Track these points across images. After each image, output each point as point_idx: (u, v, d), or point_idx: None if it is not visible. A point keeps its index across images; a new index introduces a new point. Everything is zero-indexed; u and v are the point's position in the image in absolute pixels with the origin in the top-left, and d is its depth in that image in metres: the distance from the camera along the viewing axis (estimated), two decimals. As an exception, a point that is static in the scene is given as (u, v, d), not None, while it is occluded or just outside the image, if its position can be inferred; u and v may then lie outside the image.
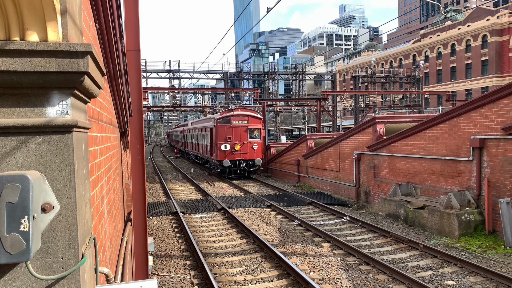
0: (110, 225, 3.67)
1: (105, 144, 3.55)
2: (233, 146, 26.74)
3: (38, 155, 1.80)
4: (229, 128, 26.83)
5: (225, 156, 26.74)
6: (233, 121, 27.00)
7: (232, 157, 26.79)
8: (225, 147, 26.62)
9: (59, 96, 1.81)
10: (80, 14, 2.14)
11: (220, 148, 26.64)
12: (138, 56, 7.05)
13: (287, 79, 58.70)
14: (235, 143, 26.84)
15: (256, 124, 27.59)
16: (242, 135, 27.05)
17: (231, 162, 26.67)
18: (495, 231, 11.91)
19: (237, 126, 26.96)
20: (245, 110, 28.55)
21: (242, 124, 27.17)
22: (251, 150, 27.11)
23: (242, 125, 27.14)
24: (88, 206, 2.18)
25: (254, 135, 27.43)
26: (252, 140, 27.25)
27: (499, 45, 57.50)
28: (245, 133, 27.12)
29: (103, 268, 2.48)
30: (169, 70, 47.69)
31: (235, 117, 27.14)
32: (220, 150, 26.67)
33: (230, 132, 26.83)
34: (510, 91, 11.45)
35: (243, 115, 27.38)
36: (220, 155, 26.72)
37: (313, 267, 9.85)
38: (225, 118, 27.07)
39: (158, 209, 17.20)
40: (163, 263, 10.51)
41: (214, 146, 27.66)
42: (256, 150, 27.30)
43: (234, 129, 26.87)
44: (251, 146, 27.15)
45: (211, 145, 28.90)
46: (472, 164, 12.76)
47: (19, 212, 1.63)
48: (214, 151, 27.67)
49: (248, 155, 27.13)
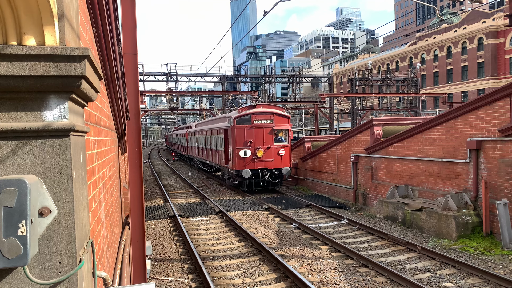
0: (107, 229, 3.66)
1: (102, 148, 3.55)
2: (254, 152, 21.56)
3: (35, 159, 1.80)
4: (250, 129, 21.68)
5: (245, 164, 21.54)
6: (254, 121, 21.79)
7: (253, 165, 21.66)
8: (245, 154, 21.48)
9: (57, 100, 1.81)
10: (78, 18, 2.14)
11: (238, 154, 21.44)
12: (135, 60, 7.05)
13: (284, 82, 58.83)
14: (257, 148, 21.64)
15: (283, 123, 22.35)
16: (266, 138, 21.90)
17: (252, 172, 21.41)
18: (492, 232, 11.94)
19: (260, 127, 21.83)
20: (269, 106, 23.08)
21: (266, 124, 21.99)
22: (276, 157, 22.02)
23: (265, 125, 21.95)
24: (86, 210, 2.17)
25: (280, 138, 22.41)
26: (278, 144, 22.10)
27: (494, 48, 57.83)
28: (270, 135, 21.93)
29: (101, 272, 2.47)
30: (167, 74, 47.71)
31: (257, 115, 21.89)
32: (238, 157, 21.51)
33: (251, 134, 21.66)
34: (506, 93, 11.51)
35: (267, 113, 22.12)
36: (238, 164, 21.57)
37: (312, 270, 9.85)
38: (245, 117, 21.82)
39: (156, 212, 17.15)
40: (161, 266, 10.48)
41: (230, 152, 22.59)
42: (283, 157, 22.08)
43: (256, 131, 21.72)
44: (276, 152, 21.97)
45: (225, 151, 23.92)
46: (469, 166, 12.80)
47: (16, 217, 1.62)
48: (230, 158, 22.56)
49: (273, 163, 21.97)
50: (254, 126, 21.86)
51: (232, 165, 22.18)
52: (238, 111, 22.37)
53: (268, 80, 54.37)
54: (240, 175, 21.47)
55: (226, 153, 23.95)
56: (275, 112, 22.39)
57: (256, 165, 21.77)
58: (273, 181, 22.07)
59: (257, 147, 21.71)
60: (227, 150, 23.83)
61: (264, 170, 21.85)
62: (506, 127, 11.44)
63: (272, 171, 22.02)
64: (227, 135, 23.50)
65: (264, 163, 21.88)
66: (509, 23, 11.25)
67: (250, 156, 21.61)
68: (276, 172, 22.03)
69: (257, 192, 22.14)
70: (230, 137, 22.35)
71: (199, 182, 28.03)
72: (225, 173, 25.11)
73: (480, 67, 59.88)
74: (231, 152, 22.21)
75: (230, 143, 22.42)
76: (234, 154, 21.76)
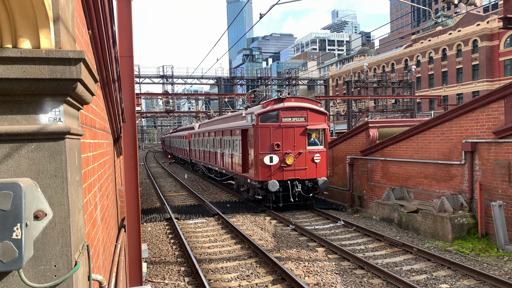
0: (103, 232, 3.65)
1: (98, 151, 3.54)
2: (283, 159, 17.08)
3: (30, 162, 1.79)
4: (278, 129, 17.22)
5: (271, 174, 17.00)
6: (283, 118, 17.28)
7: (281, 176, 17.14)
8: (271, 160, 16.94)
9: (52, 103, 1.80)
10: (73, 21, 2.14)
11: (262, 161, 16.92)
12: (131, 62, 7.05)
13: (280, 84, 58.93)
14: (287, 154, 17.10)
15: (319, 121, 17.84)
16: (297, 141, 17.39)
17: (280, 184, 16.93)
18: (488, 234, 11.99)
19: (290, 126, 17.37)
20: (301, 99, 18.49)
21: (298, 122, 17.49)
22: (310, 164, 17.50)
23: (297, 123, 17.45)
24: (81, 213, 2.17)
25: (314, 140, 17.91)
26: (312, 148, 17.58)
27: (489, 50, 58.22)
28: (302, 137, 17.44)
29: (96, 276, 2.46)
30: (163, 76, 47.66)
31: (287, 111, 17.40)
32: (262, 164, 16.96)
33: (278, 136, 17.18)
34: (501, 95, 11.59)
35: (299, 108, 17.61)
36: (262, 173, 17.04)
37: (308, 272, 9.84)
38: (271, 113, 17.33)
39: (152, 215, 17.10)
40: (157, 269, 10.44)
41: (250, 157, 18.07)
42: (319, 164, 17.59)
43: (285, 131, 17.27)
44: (310, 158, 17.53)
45: (243, 156, 19.33)
46: (464, 167, 12.87)
47: (11, 220, 1.62)
48: (251, 166, 17.97)
49: (306, 173, 17.51)
50: (283, 125, 17.19)
51: (254, 175, 17.45)
52: (262, 105, 17.64)
53: (264, 82, 54.48)
54: (265, 188, 16.91)
55: (244, 159, 19.26)
56: (309, 107, 17.65)
57: (285, 175, 17.19)
58: (305, 195, 17.38)
59: (287, 152, 17.11)
60: (245, 156, 19.15)
61: (295, 182, 17.26)
62: (500, 129, 11.51)
63: (304, 182, 17.50)
64: (247, 136, 18.86)
65: (295, 173, 17.34)
66: (503, 26, 11.34)
67: (277, 164, 17.07)
68: (309, 183, 17.51)
69: (284, 209, 17.53)
70: (252, 139, 17.65)
71: (195, 184, 27.97)
72: (242, 183, 20.26)
73: (475, 70, 60.25)
74: (253, 158, 17.61)
75: (252, 147, 17.77)
76: (256, 161, 17.11)
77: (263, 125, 17.19)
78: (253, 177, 17.64)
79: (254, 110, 17.90)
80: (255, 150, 17.31)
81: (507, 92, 11.36)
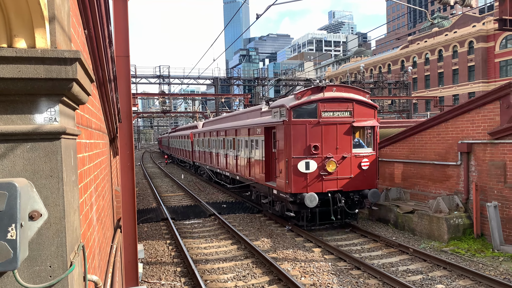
0: (99, 232, 3.64)
1: (94, 151, 3.53)
2: (323, 165, 13.35)
3: (25, 162, 1.79)
4: (316, 127, 13.42)
5: (307, 184, 13.25)
6: (323, 112, 13.48)
7: (320, 186, 13.35)
8: (307, 167, 13.24)
9: (47, 103, 1.80)
10: (69, 21, 2.14)
11: (296, 168, 13.20)
12: (128, 62, 7.04)
13: (277, 85, 58.96)
14: (327, 159, 13.39)
15: (367, 117, 14.00)
16: (340, 142, 13.62)
17: (319, 196, 13.03)
18: (483, 234, 12.05)
19: (332, 122, 13.55)
20: (344, 88, 14.34)
21: (341, 118, 13.68)
22: (357, 171, 13.76)
23: (340, 119, 13.65)
24: (77, 213, 2.16)
25: (358, 141, 14.16)
26: (358, 151, 13.87)
27: (485, 51, 58.52)
28: (346, 136, 13.72)
29: (92, 276, 2.46)
30: (159, 76, 47.58)
31: (328, 104, 13.55)
32: (296, 172, 13.21)
33: (316, 135, 13.42)
34: (496, 96, 11.65)
35: (343, 100, 13.75)
36: (296, 183, 13.20)
37: (304, 272, 9.86)
38: (308, 106, 13.47)
39: (148, 215, 17.07)
40: (153, 270, 10.42)
41: (278, 163, 14.22)
42: (367, 171, 13.85)
43: (325, 129, 13.50)
44: (357, 164, 13.77)
45: (267, 161, 15.52)
46: (460, 168, 12.92)
47: (6, 220, 1.61)
48: (279, 174, 14.03)
49: (352, 183, 13.70)
50: (322, 121, 13.43)
51: (284, 185, 13.54)
52: (294, 96, 13.72)
53: (261, 82, 54.51)
54: (299, 202, 13.08)
55: (268, 165, 15.51)
56: (355, 98, 13.87)
57: (325, 185, 13.40)
58: (350, 211, 13.67)
59: (327, 156, 13.39)
60: (269, 160, 15.45)
61: (337, 194, 13.46)
62: (496, 130, 11.57)
63: (349, 194, 13.71)
64: (272, 136, 15.22)
65: (338, 183, 13.56)
66: (499, 27, 11.41)
67: (315, 171, 13.29)
68: (356, 196, 13.76)
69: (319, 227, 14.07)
70: (282, 139, 13.74)
71: (191, 185, 27.94)
72: (263, 194, 16.41)
73: (471, 71, 60.54)
74: (282, 163, 13.70)
75: (281, 150, 13.88)
76: (288, 168, 13.31)
77: (298, 121, 13.30)
78: (282, 188, 13.65)
79: (285, 102, 13.76)
80: (286, 154, 13.40)
81: (503, 93, 11.42)
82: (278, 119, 14.04)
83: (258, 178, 16.39)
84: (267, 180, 15.50)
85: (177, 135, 45.82)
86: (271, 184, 14.98)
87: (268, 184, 15.24)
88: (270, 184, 15.03)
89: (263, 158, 15.71)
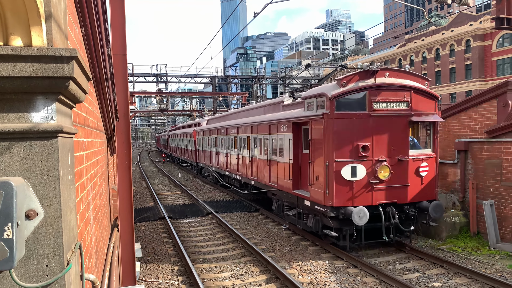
0: (96, 231, 3.63)
1: (91, 150, 3.52)
2: (373, 171, 10.84)
3: (22, 161, 1.78)
4: (365, 122, 10.84)
5: (353, 196, 10.71)
6: (374, 103, 10.90)
7: (369, 198, 10.81)
8: (353, 173, 10.69)
9: (44, 101, 1.79)
10: (65, 19, 2.13)
11: (339, 174, 10.65)
12: (125, 61, 7.01)
13: (274, 83, 58.96)
14: (379, 163, 10.86)
15: (426, 109, 11.41)
16: (395, 141, 11.06)
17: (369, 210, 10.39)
18: (479, 232, 12.10)
19: (385, 115, 11.00)
20: (399, 73, 11.45)
21: (396, 111, 11.09)
22: (414, 179, 11.18)
23: (395, 112, 11.07)
24: (74, 212, 2.15)
25: (413, 140, 11.63)
26: (417, 153, 11.35)
27: (482, 50, 58.68)
28: (403, 134, 11.14)
29: (89, 275, 2.45)
30: (156, 74, 47.48)
31: (381, 92, 10.97)
32: (339, 180, 10.66)
33: (366, 133, 10.85)
34: (493, 95, 11.69)
35: (397, 87, 11.12)
36: (339, 194, 10.66)
37: (302, 271, 9.87)
38: (355, 95, 10.92)
39: (145, 214, 17.05)
40: (150, 269, 10.42)
41: (313, 168, 11.57)
42: (425, 178, 11.30)
43: (377, 125, 10.91)
44: (414, 169, 11.20)
45: (295, 165, 12.81)
46: (457, 166, 12.97)
47: (2, 219, 1.60)
48: (315, 181, 11.42)
49: (408, 193, 11.08)
50: (374, 114, 10.77)
51: (322, 196, 10.83)
52: (338, 83, 10.92)
53: (259, 81, 54.49)
54: (343, 218, 10.45)
55: (296, 169, 12.74)
56: (413, 86, 11.22)
57: (375, 196, 10.76)
58: (405, 228, 10.96)
59: (379, 159, 10.75)
60: (298, 163, 12.71)
61: (390, 208, 10.76)
62: (493, 128, 11.61)
63: (403, 208, 11.00)
64: (303, 133, 12.50)
65: (391, 193, 10.87)
66: (496, 26, 11.43)
67: (363, 179, 10.66)
68: (411, 210, 11.00)
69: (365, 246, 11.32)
70: (321, 137, 11.04)
71: (189, 183, 27.92)
72: (288, 203, 13.77)
73: (468, 69, 60.72)
74: (319, 168, 11.08)
75: (320, 150, 11.07)
76: (329, 174, 10.64)
77: (342, 114, 10.61)
78: (319, 200, 10.98)
79: (325, 90, 11.01)
80: (326, 156, 10.72)
81: (500, 91, 11.46)
82: (315, 112, 11.36)
83: (282, 184, 13.72)
84: (295, 188, 12.70)
85: (178, 133, 43.29)
86: (301, 194, 12.18)
87: (298, 193, 12.42)
88: (300, 194, 12.21)
89: (290, 161, 12.95)
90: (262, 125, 16.01)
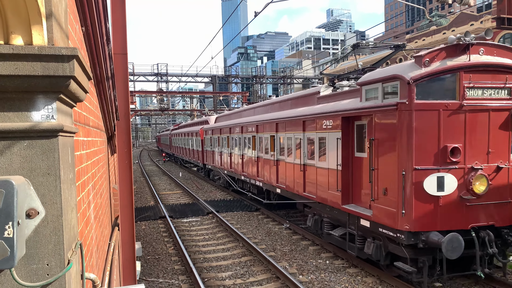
0: (97, 230, 3.63)
1: (91, 149, 3.52)
2: (467, 181, 7.90)
3: (23, 160, 1.78)
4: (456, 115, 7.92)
5: (437, 216, 7.80)
6: (467, 90, 7.95)
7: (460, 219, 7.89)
8: (440, 185, 7.79)
9: (44, 100, 1.79)
10: (66, 18, 2.12)
11: (420, 187, 7.76)
12: (125, 60, 7.01)
13: (275, 83, 58.96)
14: (474, 171, 7.91)
15: None
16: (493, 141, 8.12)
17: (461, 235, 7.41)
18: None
19: (480, 108, 8.02)
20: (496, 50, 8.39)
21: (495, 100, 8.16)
22: None
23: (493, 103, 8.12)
24: (74, 211, 2.15)
25: None
26: None
27: (483, 50, 58.59)
28: (502, 132, 8.18)
29: (89, 274, 2.45)
30: (157, 74, 47.48)
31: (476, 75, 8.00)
32: (419, 195, 7.75)
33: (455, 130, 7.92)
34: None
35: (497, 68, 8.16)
36: (418, 214, 7.73)
37: (302, 270, 9.87)
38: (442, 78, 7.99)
39: (146, 213, 17.07)
40: (151, 268, 10.43)
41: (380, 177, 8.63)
42: None
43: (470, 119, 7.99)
44: None
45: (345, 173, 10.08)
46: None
47: (3, 218, 1.60)
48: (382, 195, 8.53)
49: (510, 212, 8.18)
50: (467, 103, 8.02)
51: (395, 216, 8.09)
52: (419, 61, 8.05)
53: (259, 81, 54.46)
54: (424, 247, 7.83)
55: (346, 178, 10.11)
56: None
57: (469, 217, 8.02)
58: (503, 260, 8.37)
59: (473, 166, 8.04)
60: (348, 171, 10.10)
61: (486, 232, 8.03)
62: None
63: (501, 232, 8.27)
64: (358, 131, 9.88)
65: (488, 212, 8.14)
66: (497, 26, 11.40)
67: (454, 193, 7.97)
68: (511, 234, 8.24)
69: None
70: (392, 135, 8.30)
71: (189, 183, 27.94)
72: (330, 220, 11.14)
73: (469, 69, 60.67)
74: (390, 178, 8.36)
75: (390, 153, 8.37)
76: (405, 186, 7.92)
77: (425, 104, 7.90)
78: (389, 221, 8.26)
79: (399, 71, 8.24)
80: (401, 162, 8.01)
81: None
82: (380, 102, 8.59)
83: (324, 197, 10.96)
84: (345, 202, 10.00)
85: (182, 132, 39.99)
86: (356, 211, 9.39)
87: (350, 209, 9.69)
88: (355, 210, 9.44)
89: (338, 167, 10.15)
90: (292, 121, 13.11)
